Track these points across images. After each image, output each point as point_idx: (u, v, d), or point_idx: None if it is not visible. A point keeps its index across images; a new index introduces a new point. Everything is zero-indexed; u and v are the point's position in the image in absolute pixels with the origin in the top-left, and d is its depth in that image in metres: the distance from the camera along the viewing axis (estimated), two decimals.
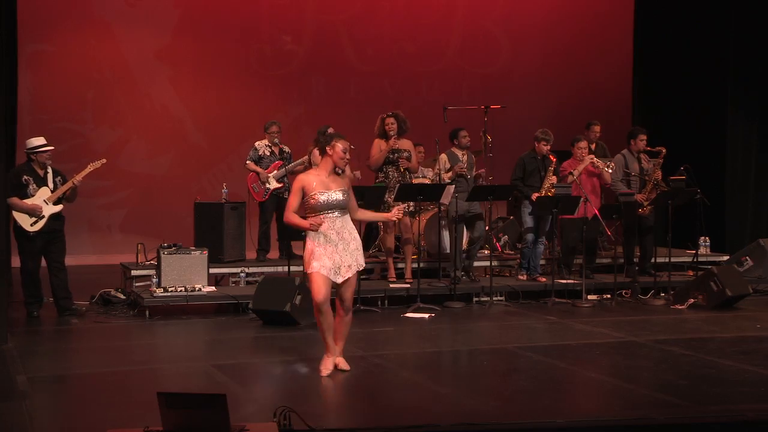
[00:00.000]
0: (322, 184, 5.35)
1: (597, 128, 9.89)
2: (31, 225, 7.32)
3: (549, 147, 8.73)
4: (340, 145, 5.39)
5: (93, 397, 5.18)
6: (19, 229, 7.33)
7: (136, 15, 11.41)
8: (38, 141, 7.50)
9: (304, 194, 5.36)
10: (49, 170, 7.50)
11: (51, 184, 7.45)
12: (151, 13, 11.46)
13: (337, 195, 5.35)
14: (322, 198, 5.32)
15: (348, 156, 5.44)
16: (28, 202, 7.33)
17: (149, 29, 11.48)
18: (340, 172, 5.43)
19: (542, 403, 4.97)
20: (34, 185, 7.38)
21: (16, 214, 7.32)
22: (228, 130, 11.62)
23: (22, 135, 10.38)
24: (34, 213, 7.31)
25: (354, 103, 12.01)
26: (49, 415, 4.76)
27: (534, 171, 8.70)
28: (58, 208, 7.45)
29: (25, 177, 7.37)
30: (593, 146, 9.74)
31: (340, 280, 5.36)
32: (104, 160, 7.75)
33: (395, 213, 5.66)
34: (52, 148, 7.55)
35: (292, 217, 5.41)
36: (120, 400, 5.04)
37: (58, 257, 7.54)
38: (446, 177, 8.48)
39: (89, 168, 7.56)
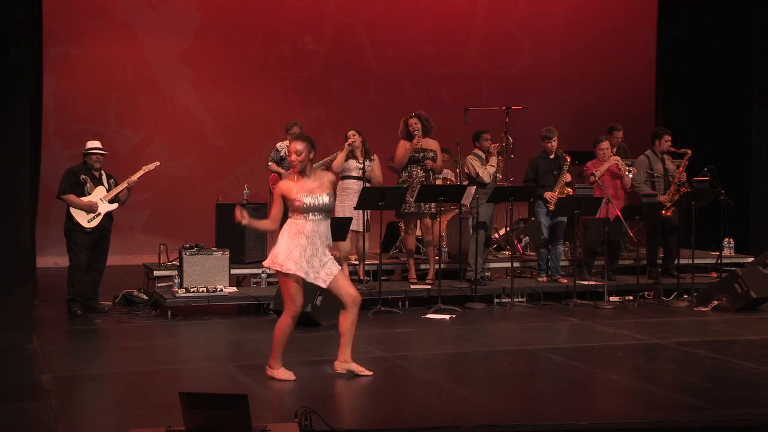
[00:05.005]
0: (305, 188, 5.26)
1: (619, 134, 9.83)
2: (89, 222, 7.56)
3: (554, 144, 8.72)
4: (292, 146, 5.28)
5: (116, 397, 5.23)
6: (75, 224, 7.53)
7: (158, 18, 11.50)
8: (92, 144, 7.76)
9: (286, 199, 5.28)
10: (103, 173, 7.77)
11: (105, 185, 7.71)
12: (174, 16, 11.55)
13: (323, 198, 5.26)
14: (308, 201, 5.22)
15: (296, 158, 5.22)
16: (85, 199, 7.54)
17: (171, 32, 11.57)
18: (299, 170, 5.26)
19: (564, 405, 4.95)
20: (91, 184, 7.63)
21: (73, 211, 7.55)
22: (249, 131, 11.68)
23: (47, 137, 10.52)
24: (91, 209, 7.55)
25: (374, 104, 12.03)
26: (73, 414, 4.80)
27: (546, 170, 8.70)
28: (113, 206, 7.71)
29: (83, 176, 7.63)
30: (614, 150, 9.67)
31: (321, 284, 5.26)
32: (158, 163, 8.03)
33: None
34: (104, 152, 7.78)
35: (266, 224, 5.45)
36: (142, 399, 5.08)
37: (101, 256, 7.73)
38: (491, 170, 8.45)
39: (143, 170, 7.87)
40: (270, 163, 8.87)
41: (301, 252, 5.23)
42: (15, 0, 6.49)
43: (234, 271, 8.27)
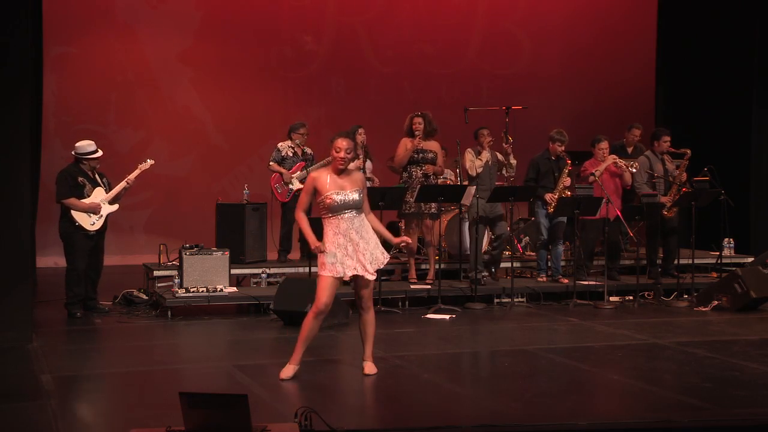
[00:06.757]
0: (336, 184, 5.30)
1: (638, 132, 9.75)
2: (92, 225, 7.45)
3: (563, 148, 8.72)
4: (337, 143, 5.28)
5: (116, 397, 5.23)
6: (77, 228, 7.41)
7: (158, 18, 11.50)
8: (89, 147, 7.56)
9: (317, 194, 5.32)
10: (96, 173, 7.66)
11: (102, 185, 7.61)
12: (174, 15, 11.55)
13: (353, 195, 5.28)
14: (338, 198, 5.26)
15: (345, 155, 5.26)
16: (87, 201, 7.45)
17: (171, 32, 11.57)
18: (342, 169, 5.29)
19: (564, 405, 4.95)
20: (90, 185, 7.53)
21: (76, 215, 7.41)
22: (249, 131, 11.68)
23: (47, 136, 10.52)
24: (94, 211, 7.44)
25: (374, 104, 12.03)
26: (72, 415, 4.81)
27: (548, 172, 8.70)
28: (115, 207, 7.62)
29: (80, 178, 7.50)
30: (630, 149, 9.64)
31: (362, 272, 5.28)
32: (152, 161, 7.90)
33: (403, 240, 5.57)
34: (101, 154, 7.62)
35: (301, 217, 5.42)
36: (143, 399, 5.08)
37: (99, 256, 7.66)
38: (479, 165, 8.43)
39: (139, 169, 7.73)
40: (271, 163, 8.87)
41: (342, 252, 5.27)
42: (15, 0, 6.49)
43: (234, 271, 8.28)
